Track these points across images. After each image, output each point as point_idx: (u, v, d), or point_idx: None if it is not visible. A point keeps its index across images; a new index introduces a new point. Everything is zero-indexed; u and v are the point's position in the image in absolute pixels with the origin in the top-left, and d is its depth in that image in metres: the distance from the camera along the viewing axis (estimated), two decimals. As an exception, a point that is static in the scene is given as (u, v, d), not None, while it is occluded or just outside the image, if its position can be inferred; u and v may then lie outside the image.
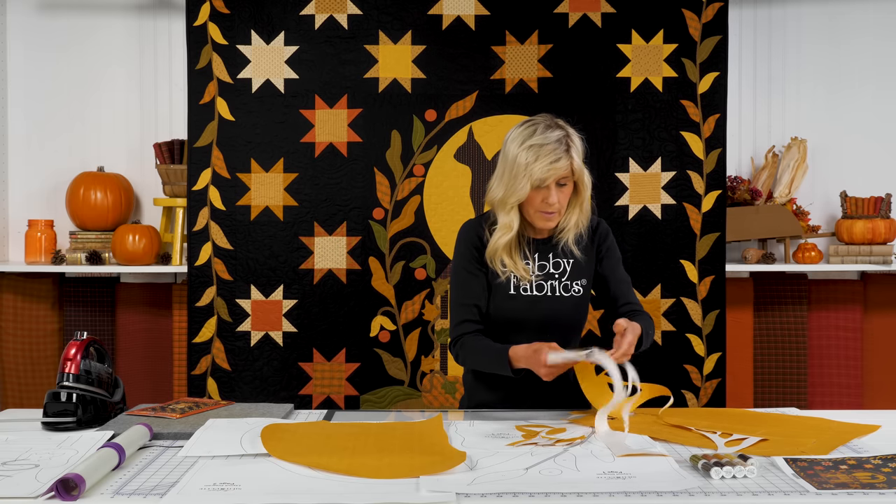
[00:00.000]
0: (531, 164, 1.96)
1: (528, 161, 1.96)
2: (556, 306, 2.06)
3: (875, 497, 1.30)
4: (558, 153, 1.96)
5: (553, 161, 1.96)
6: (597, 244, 2.13)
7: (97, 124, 3.35)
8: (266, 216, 3.08)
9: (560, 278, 2.07)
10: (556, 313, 2.06)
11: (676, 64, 3.06)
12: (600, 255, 2.14)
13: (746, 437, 1.64)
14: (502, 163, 2.04)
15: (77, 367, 1.80)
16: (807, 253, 3.19)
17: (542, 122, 2.01)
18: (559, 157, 1.96)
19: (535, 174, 1.96)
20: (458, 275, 2.09)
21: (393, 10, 3.07)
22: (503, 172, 2.03)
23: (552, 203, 1.99)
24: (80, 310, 3.30)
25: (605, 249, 2.14)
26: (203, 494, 1.32)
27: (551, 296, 2.05)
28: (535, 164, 1.96)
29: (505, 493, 1.32)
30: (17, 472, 1.44)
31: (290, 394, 3.06)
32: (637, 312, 2.06)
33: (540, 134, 1.98)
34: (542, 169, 1.95)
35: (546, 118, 2.02)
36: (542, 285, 2.06)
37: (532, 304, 2.04)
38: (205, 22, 3.07)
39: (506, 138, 2.05)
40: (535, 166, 1.96)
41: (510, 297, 2.05)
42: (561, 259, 2.08)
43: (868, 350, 3.30)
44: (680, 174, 3.06)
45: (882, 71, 3.34)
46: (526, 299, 2.04)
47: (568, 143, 1.98)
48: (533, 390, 2.07)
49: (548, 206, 2.00)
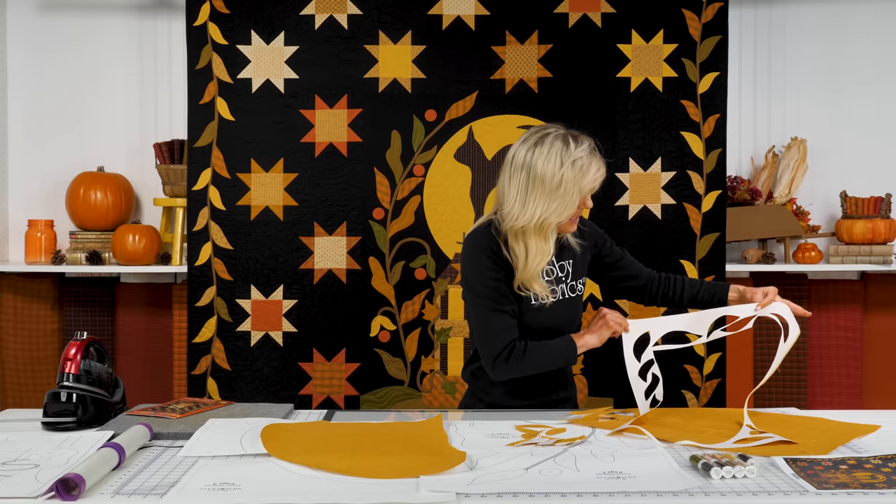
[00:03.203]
0: (579, 179, 1.92)
1: (576, 176, 1.91)
2: (569, 310, 2.07)
3: (875, 497, 1.30)
4: (599, 162, 1.96)
5: (598, 169, 1.96)
6: (589, 238, 2.14)
7: (97, 124, 3.35)
8: (266, 216, 3.08)
9: (566, 280, 2.07)
10: (570, 316, 2.08)
11: (676, 64, 3.06)
12: (597, 248, 2.15)
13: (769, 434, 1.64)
14: (532, 183, 1.92)
15: (77, 367, 1.80)
16: (807, 253, 3.19)
17: (558, 132, 1.95)
18: (601, 164, 1.97)
19: (586, 186, 1.94)
20: (485, 285, 1.97)
21: (393, 10, 3.07)
22: (539, 194, 1.91)
23: (589, 207, 2.01)
24: (80, 310, 3.30)
25: (600, 238, 2.16)
26: (203, 494, 1.32)
27: (562, 299, 2.05)
28: (584, 177, 1.93)
29: (505, 493, 1.32)
30: (17, 472, 1.44)
31: (290, 394, 3.06)
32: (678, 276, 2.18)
33: (574, 147, 1.93)
34: (593, 179, 1.95)
35: (554, 127, 1.97)
36: (554, 290, 2.05)
37: (553, 311, 2.03)
38: (205, 22, 3.07)
39: (525, 158, 1.94)
40: (585, 179, 1.93)
41: (534, 308, 2.01)
42: (564, 262, 2.08)
43: (868, 350, 3.30)
44: (680, 174, 3.06)
45: (882, 71, 3.34)
46: (551, 308, 2.02)
47: (599, 148, 1.99)
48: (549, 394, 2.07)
49: (581, 212, 2.02)
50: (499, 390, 2.07)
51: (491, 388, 2.08)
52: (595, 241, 2.15)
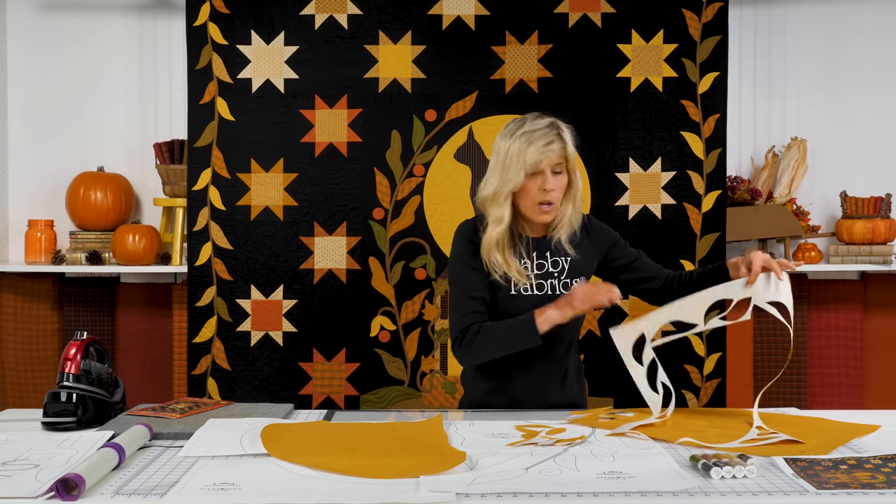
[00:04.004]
0: (524, 151, 1.97)
1: (521, 148, 1.97)
2: None
3: (875, 497, 1.30)
4: (550, 136, 1.98)
5: (546, 143, 1.97)
6: (595, 240, 2.13)
7: (97, 124, 3.35)
8: (266, 216, 3.08)
9: (559, 277, 2.07)
10: None
11: (676, 64, 3.06)
12: (605, 248, 2.14)
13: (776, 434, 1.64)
14: (493, 160, 2.06)
15: (77, 367, 1.80)
16: (807, 253, 3.19)
17: (530, 115, 2.04)
18: (552, 139, 1.98)
19: (530, 158, 1.96)
20: (458, 270, 2.08)
21: (393, 10, 3.07)
22: (494, 167, 2.04)
23: (550, 189, 1.98)
24: (80, 310, 3.30)
25: (610, 240, 2.15)
26: (203, 494, 1.32)
27: (552, 294, 2.05)
28: (528, 149, 1.97)
29: (505, 493, 1.32)
30: (17, 472, 1.44)
31: (290, 394, 3.06)
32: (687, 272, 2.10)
33: (529, 123, 2.00)
34: (537, 152, 1.96)
35: (533, 114, 2.05)
36: (542, 284, 2.06)
37: (534, 304, 2.04)
38: (205, 22, 3.07)
39: (496, 139, 2.07)
40: (529, 151, 1.97)
41: (512, 297, 2.04)
42: (559, 258, 2.08)
43: (868, 350, 3.30)
44: (680, 174, 3.06)
45: (882, 71, 3.34)
46: (528, 299, 2.04)
47: (559, 128, 2.01)
48: (532, 392, 2.07)
49: (545, 193, 1.99)
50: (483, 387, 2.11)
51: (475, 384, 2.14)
52: (604, 242, 2.14)
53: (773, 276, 1.80)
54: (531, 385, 2.08)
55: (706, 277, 2.03)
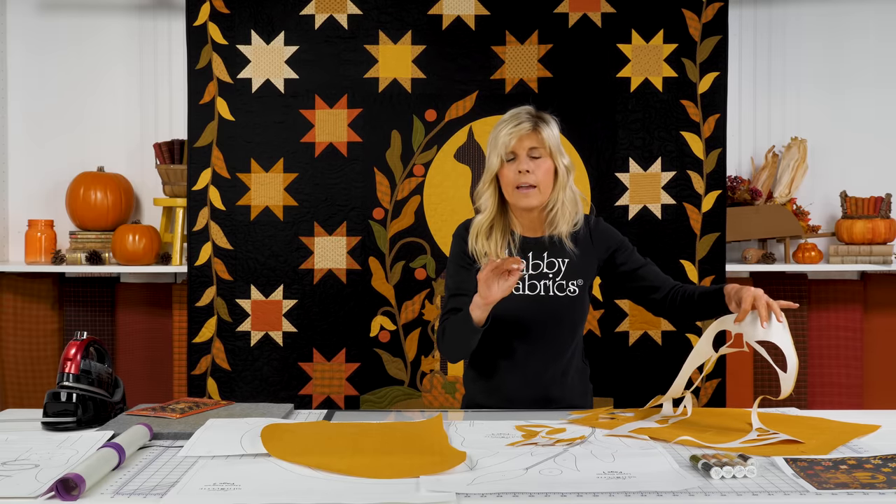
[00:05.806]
0: (496, 134, 2.04)
1: (495, 134, 2.04)
2: (550, 306, 2.05)
3: (875, 497, 1.30)
4: (521, 118, 2.03)
5: (515, 124, 2.02)
6: (598, 242, 2.11)
7: (97, 124, 3.35)
8: (266, 216, 3.08)
9: (554, 278, 2.06)
10: (551, 313, 2.05)
11: (676, 64, 3.06)
12: (608, 252, 2.11)
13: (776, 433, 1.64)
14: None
15: (77, 367, 1.80)
16: (807, 253, 3.19)
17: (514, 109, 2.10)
18: (521, 120, 2.02)
19: (501, 140, 2.01)
20: (449, 270, 2.14)
21: (393, 10, 3.07)
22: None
23: (524, 170, 2.00)
24: (80, 310, 3.30)
25: (615, 243, 2.12)
26: (203, 494, 1.32)
27: (545, 295, 2.04)
28: (499, 133, 2.03)
29: (505, 493, 1.32)
30: (17, 472, 1.44)
31: (290, 394, 3.06)
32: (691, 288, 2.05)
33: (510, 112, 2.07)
34: (506, 133, 2.01)
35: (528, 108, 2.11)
36: (535, 285, 2.05)
37: (526, 303, 2.03)
38: (205, 22, 3.07)
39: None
40: (501, 133, 2.02)
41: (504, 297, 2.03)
42: (556, 258, 2.07)
43: (868, 350, 3.30)
44: (680, 174, 3.06)
45: (882, 71, 3.34)
46: (519, 298, 2.04)
47: (532, 114, 2.05)
48: (527, 391, 2.07)
49: (520, 175, 2.00)
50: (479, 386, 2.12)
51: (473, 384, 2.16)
52: (608, 245, 2.12)
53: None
54: (524, 384, 2.07)
55: (708, 299, 1.98)
